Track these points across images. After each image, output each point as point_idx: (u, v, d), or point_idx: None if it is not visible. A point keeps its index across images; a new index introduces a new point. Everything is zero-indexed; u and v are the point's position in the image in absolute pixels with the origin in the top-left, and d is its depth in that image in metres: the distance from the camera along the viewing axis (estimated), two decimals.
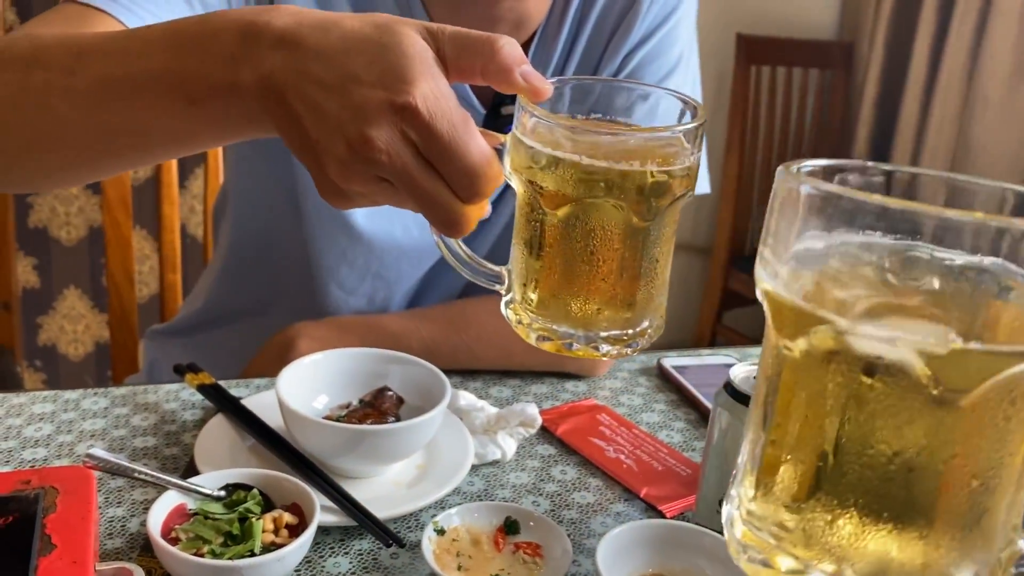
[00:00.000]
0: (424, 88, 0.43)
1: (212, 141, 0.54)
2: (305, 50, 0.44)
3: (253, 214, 0.92)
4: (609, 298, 0.47)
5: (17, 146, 0.57)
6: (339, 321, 0.83)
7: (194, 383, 0.72)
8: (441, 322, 0.82)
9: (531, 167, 0.45)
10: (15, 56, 0.55)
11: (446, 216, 0.46)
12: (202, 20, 0.49)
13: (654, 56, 0.84)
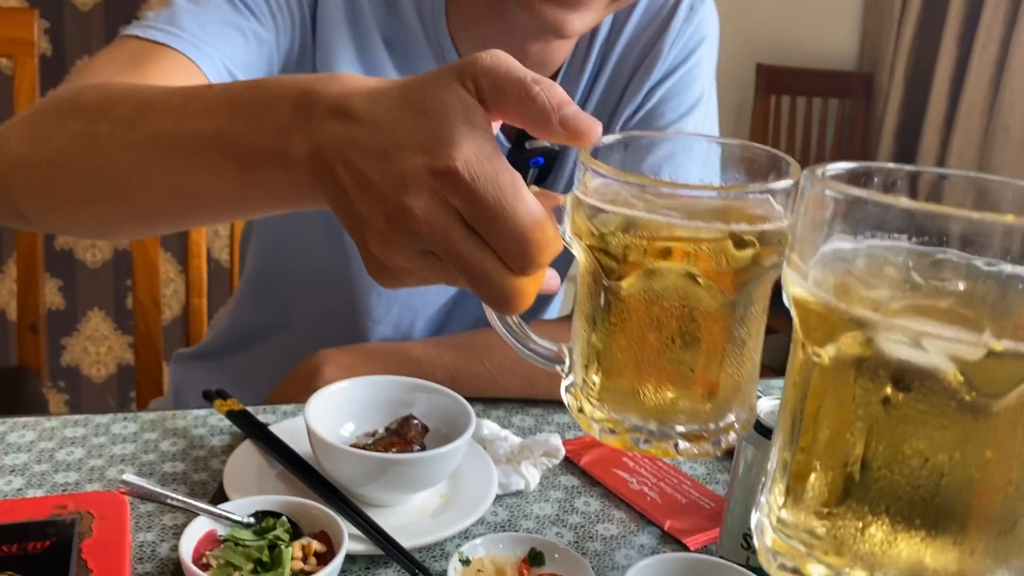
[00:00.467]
0: (466, 150, 0.40)
1: (263, 209, 0.52)
2: (355, 121, 0.43)
3: (280, 241, 0.93)
4: (687, 385, 0.41)
5: (78, 196, 0.58)
6: (364, 348, 0.84)
7: (223, 409, 0.73)
8: (465, 350, 0.82)
9: (595, 231, 0.40)
10: (84, 106, 0.57)
11: (498, 291, 0.41)
12: (259, 86, 0.49)
13: (675, 93, 0.85)
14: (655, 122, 0.85)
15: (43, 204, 0.61)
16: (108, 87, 0.58)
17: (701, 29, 0.87)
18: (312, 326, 0.91)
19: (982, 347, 0.33)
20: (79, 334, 2.06)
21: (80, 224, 0.62)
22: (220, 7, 0.74)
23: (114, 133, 0.53)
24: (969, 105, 2.37)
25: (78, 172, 0.56)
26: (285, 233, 0.92)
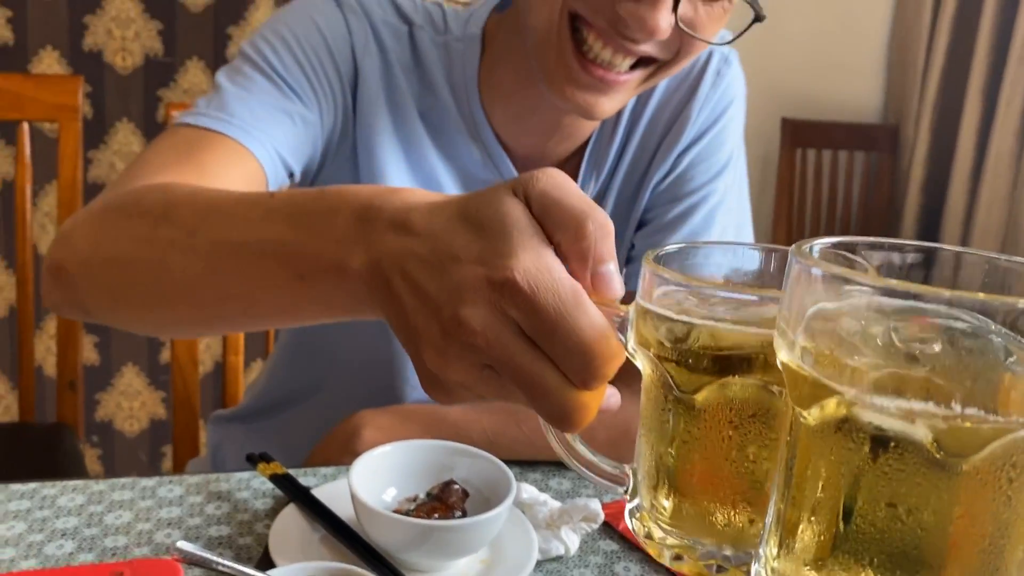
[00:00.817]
0: (525, 261, 0.39)
1: (318, 316, 0.52)
2: (414, 234, 0.42)
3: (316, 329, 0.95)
4: (766, 506, 0.38)
5: (138, 297, 0.59)
6: (402, 410, 0.85)
7: (266, 472, 0.74)
8: (502, 413, 0.83)
9: (662, 341, 0.39)
10: (148, 209, 0.58)
11: (558, 406, 0.39)
12: (321, 196, 0.49)
13: (704, 156, 0.87)
14: (685, 186, 0.87)
15: (105, 302, 0.63)
16: (171, 189, 0.60)
17: (728, 92, 0.89)
18: (348, 389, 0.92)
19: (952, 416, 0.35)
20: (113, 389, 2.09)
21: (140, 322, 0.64)
22: (267, 91, 0.77)
23: (176, 238, 0.55)
24: (996, 157, 2.38)
25: (140, 275, 0.57)
26: None
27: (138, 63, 1.93)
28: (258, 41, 0.80)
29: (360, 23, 0.83)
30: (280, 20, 0.82)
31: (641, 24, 0.71)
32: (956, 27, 2.46)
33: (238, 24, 1.96)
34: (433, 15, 0.87)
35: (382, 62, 0.83)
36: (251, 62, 0.79)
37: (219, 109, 0.74)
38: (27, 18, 1.85)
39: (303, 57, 0.80)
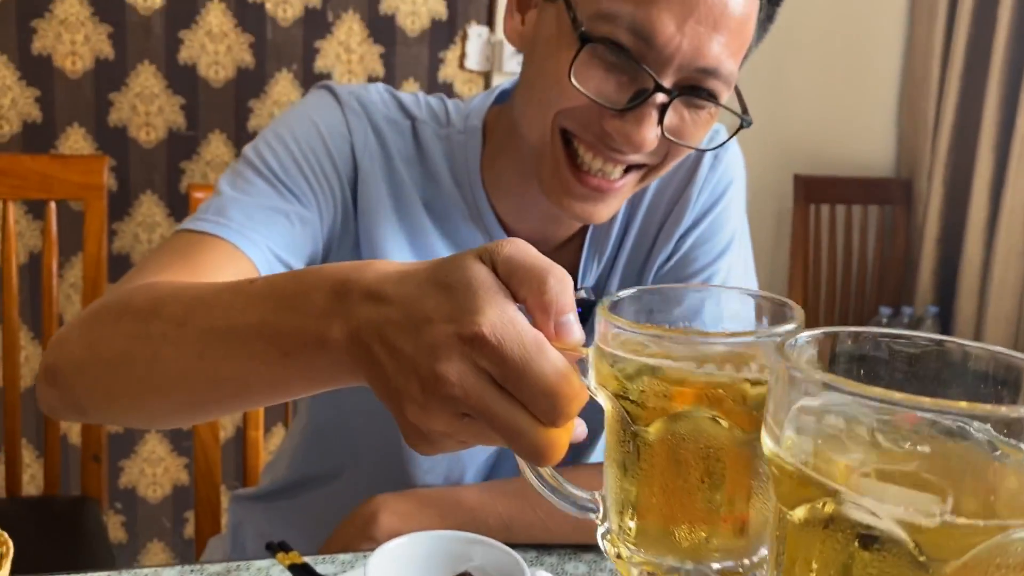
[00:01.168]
0: (491, 316, 0.43)
1: (305, 389, 0.55)
2: (388, 302, 0.46)
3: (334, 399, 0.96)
4: (719, 524, 0.43)
5: (133, 391, 0.63)
6: (419, 494, 0.86)
7: (285, 562, 0.75)
8: (517, 497, 0.84)
9: (618, 380, 0.43)
10: (137, 308, 0.62)
11: (532, 444, 0.44)
12: (297, 277, 0.53)
13: (706, 238, 0.88)
14: (687, 267, 0.88)
15: (102, 400, 0.66)
16: (158, 287, 0.64)
17: (728, 174, 0.90)
18: (365, 475, 0.94)
19: (933, 518, 0.36)
20: (136, 456, 2.11)
21: (136, 415, 0.68)
22: (265, 193, 0.80)
23: (167, 331, 0.58)
24: (1010, 210, 2.38)
25: (134, 370, 0.61)
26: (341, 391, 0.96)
27: (161, 137, 1.98)
28: (259, 144, 0.83)
29: (360, 122, 0.85)
30: (282, 122, 0.85)
31: (628, 139, 0.73)
32: (965, 82, 2.48)
33: (259, 97, 2.02)
34: (436, 109, 0.90)
35: (383, 157, 0.86)
36: (251, 165, 0.82)
37: (216, 213, 0.77)
38: (54, 97, 1.91)
39: (302, 159, 0.82)
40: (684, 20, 0.70)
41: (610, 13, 0.71)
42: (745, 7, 0.73)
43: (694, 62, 0.72)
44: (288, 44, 2.01)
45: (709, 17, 0.70)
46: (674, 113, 0.75)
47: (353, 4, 2.02)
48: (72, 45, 1.90)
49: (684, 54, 0.71)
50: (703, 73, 0.73)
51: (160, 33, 1.94)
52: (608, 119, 0.73)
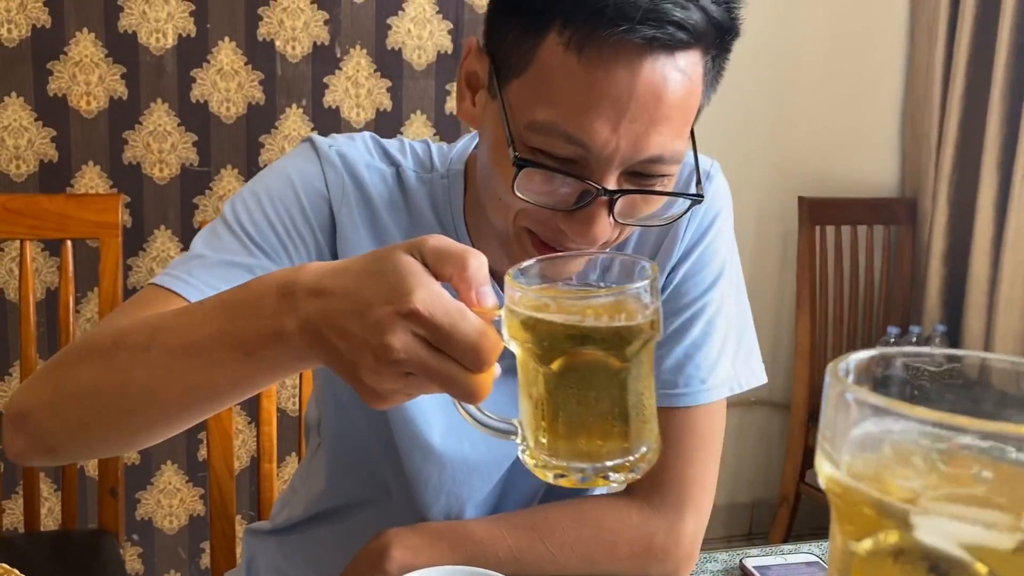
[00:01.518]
0: (421, 294, 0.54)
1: (269, 380, 0.64)
2: (329, 294, 0.56)
3: (344, 432, 0.99)
4: (608, 433, 0.55)
5: (108, 417, 0.68)
6: (429, 528, 0.88)
7: None
8: (525, 530, 0.86)
9: (524, 331, 0.54)
10: (99, 344, 0.68)
11: (464, 388, 0.55)
12: (245, 288, 0.62)
13: (696, 271, 0.90)
14: (680, 300, 0.89)
15: (75, 432, 0.71)
16: (113, 324, 0.71)
17: (714, 206, 0.91)
18: (378, 511, 0.96)
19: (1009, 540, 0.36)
20: (153, 488, 2.13)
21: (108, 441, 0.71)
22: (232, 249, 0.82)
23: (132, 357, 0.65)
24: (1016, 227, 2.39)
25: (106, 397, 0.67)
26: (349, 446, 0.98)
27: (175, 173, 2.02)
28: (236, 200, 0.86)
29: (337, 174, 0.87)
30: (261, 179, 0.88)
31: (581, 236, 0.74)
32: (967, 100, 2.50)
33: (270, 132, 2.05)
34: (420, 154, 0.92)
35: (365, 205, 0.87)
36: (225, 222, 0.85)
37: (181, 270, 0.81)
38: (70, 136, 1.95)
39: (273, 214, 0.84)
40: (618, 122, 0.69)
41: (543, 124, 0.71)
42: (683, 87, 0.71)
43: (635, 157, 0.72)
44: (297, 80, 2.05)
45: (644, 114, 0.70)
46: (625, 202, 0.75)
47: (361, 39, 2.06)
48: (87, 85, 1.94)
49: (623, 153, 0.71)
50: (649, 162, 0.73)
51: (172, 72, 1.98)
52: (560, 219, 0.74)
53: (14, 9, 1.87)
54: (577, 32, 0.68)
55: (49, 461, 0.76)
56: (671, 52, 0.70)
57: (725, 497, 2.85)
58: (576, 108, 0.70)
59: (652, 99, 0.70)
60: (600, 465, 0.55)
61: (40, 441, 0.72)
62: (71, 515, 1.53)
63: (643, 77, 0.69)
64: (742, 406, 2.78)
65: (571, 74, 0.69)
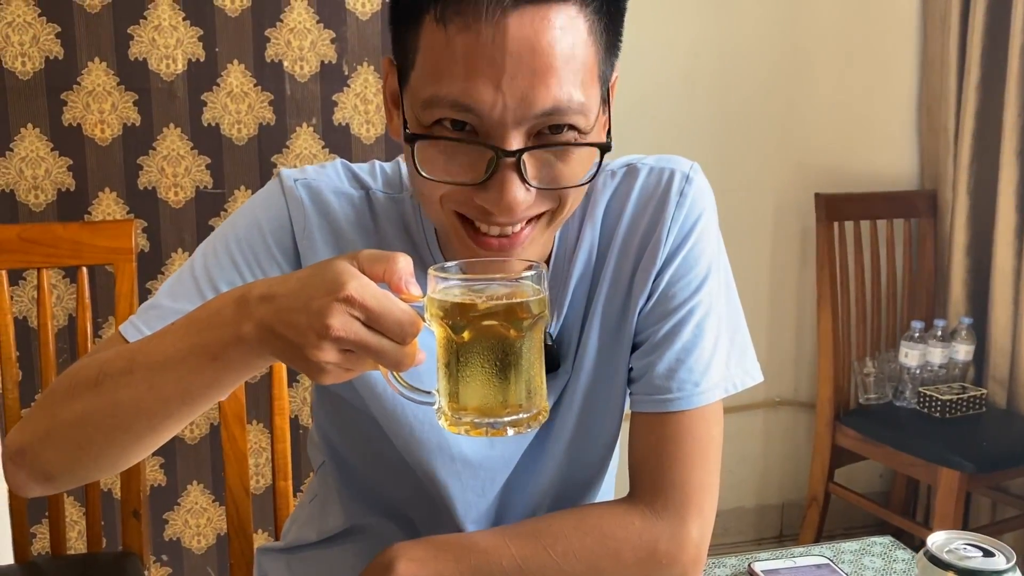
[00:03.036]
0: (353, 284, 0.63)
1: (235, 381, 0.72)
2: (278, 297, 0.66)
3: (348, 456, 1.00)
4: (506, 394, 0.67)
5: (100, 438, 0.75)
6: (434, 541, 0.88)
7: None
8: (529, 539, 0.86)
9: (441, 312, 0.65)
10: (85, 376, 0.76)
11: (392, 358, 0.64)
12: (205, 306, 0.72)
13: (682, 274, 0.89)
14: (668, 303, 0.89)
15: (72, 457, 0.77)
16: (95, 357, 0.79)
17: (695, 208, 0.90)
18: (384, 529, 0.97)
19: None
20: (180, 508, 2.15)
21: (103, 461, 0.78)
22: (189, 297, 0.86)
23: (117, 381, 0.74)
24: None
25: (98, 419, 0.75)
26: (354, 468, 0.99)
27: (190, 196, 2.05)
28: (207, 245, 0.90)
29: (299, 209, 0.89)
30: (231, 222, 0.91)
31: (498, 207, 0.74)
32: (983, 89, 2.47)
33: (281, 152, 2.08)
34: (390, 175, 0.93)
35: (332, 232, 0.89)
36: (192, 268, 0.89)
37: (141, 319, 0.87)
38: (86, 165, 1.98)
39: (240, 257, 0.88)
40: (498, 79, 0.71)
41: (433, 98, 0.73)
42: (562, 37, 0.72)
43: (528, 112, 0.72)
44: (307, 99, 2.07)
45: (522, 67, 0.71)
46: (535, 163, 0.75)
47: (367, 56, 2.08)
48: (100, 114, 1.97)
49: (513, 111, 0.72)
50: (546, 116, 0.73)
51: (183, 97, 2.01)
52: (476, 194, 0.75)
53: (28, 43, 1.91)
54: (443, 6, 0.72)
55: (49, 489, 0.82)
56: (538, 4, 0.71)
57: (754, 500, 2.82)
58: (456, 75, 0.72)
59: (527, 52, 0.71)
60: (499, 420, 0.67)
61: (39, 471, 0.79)
62: (96, 538, 1.55)
63: (512, 32, 0.71)
64: (767, 407, 2.76)
65: (446, 46, 0.72)
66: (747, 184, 2.61)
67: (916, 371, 2.45)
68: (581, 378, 0.92)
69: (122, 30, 1.95)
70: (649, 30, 2.44)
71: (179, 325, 0.73)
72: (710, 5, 2.53)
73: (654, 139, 2.48)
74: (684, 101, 2.54)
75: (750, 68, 2.57)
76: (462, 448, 0.93)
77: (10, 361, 1.52)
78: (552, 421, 0.93)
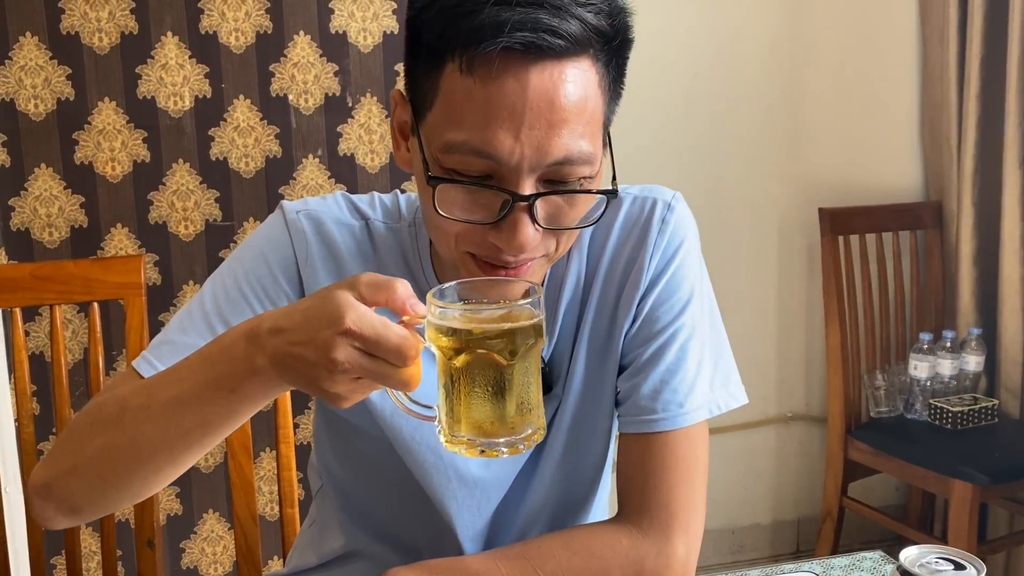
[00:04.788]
0: (351, 315, 0.66)
1: (250, 410, 0.75)
2: (286, 331, 0.70)
3: (344, 480, 1.02)
4: (501, 417, 0.68)
5: (122, 470, 0.78)
6: (428, 565, 0.90)
7: None
8: (520, 560, 0.88)
9: (439, 336, 0.68)
10: (106, 413, 0.80)
11: (396, 381, 0.68)
12: (217, 341, 0.75)
13: (665, 298, 0.92)
14: (652, 327, 0.91)
15: (97, 488, 0.81)
16: (115, 394, 0.83)
17: (677, 235, 0.93)
18: (373, 556, 0.99)
19: None
20: (196, 536, 2.18)
21: (126, 491, 0.81)
22: (200, 332, 0.89)
23: (137, 415, 0.78)
24: None
25: (120, 451, 0.79)
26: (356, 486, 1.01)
27: (200, 230, 2.09)
28: (216, 279, 0.94)
29: (302, 238, 0.94)
30: (236, 256, 0.95)
31: (509, 246, 0.78)
32: (984, 99, 2.48)
33: (288, 184, 2.12)
34: (388, 205, 0.97)
35: (333, 261, 0.93)
36: (201, 302, 0.92)
37: (153, 355, 0.90)
38: (98, 201, 2.03)
39: (249, 290, 0.92)
40: (518, 129, 0.75)
41: (454, 143, 0.77)
42: (576, 91, 0.76)
43: (543, 160, 0.76)
44: (312, 131, 2.11)
45: (540, 119, 0.75)
46: (546, 207, 0.79)
47: (370, 87, 2.12)
48: (111, 152, 2.02)
49: (530, 159, 0.76)
50: (558, 165, 0.77)
51: (192, 132, 2.06)
52: (489, 234, 0.79)
53: (40, 85, 1.97)
54: (467, 55, 0.74)
55: (75, 520, 0.86)
56: (557, 60, 0.75)
57: (769, 516, 2.82)
58: (479, 123, 0.75)
59: (545, 105, 0.75)
60: (494, 440, 0.69)
61: (65, 504, 0.84)
62: (112, 568, 1.58)
63: (532, 85, 0.75)
64: (779, 423, 2.76)
65: (469, 94, 0.75)
66: (750, 201, 2.62)
67: (926, 383, 2.44)
68: (570, 400, 0.94)
69: (130, 69, 2.00)
70: (646, 51, 2.46)
71: (193, 361, 0.76)
72: (707, 23, 2.56)
73: (655, 160, 2.51)
74: (684, 121, 2.57)
75: (749, 85, 2.59)
76: (458, 468, 0.95)
77: (25, 396, 1.56)
78: (544, 442, 0.95)
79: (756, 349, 2.67)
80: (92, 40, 1.98)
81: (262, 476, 2.20)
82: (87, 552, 2.10)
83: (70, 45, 1.97)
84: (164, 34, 2.00)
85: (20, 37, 1.95)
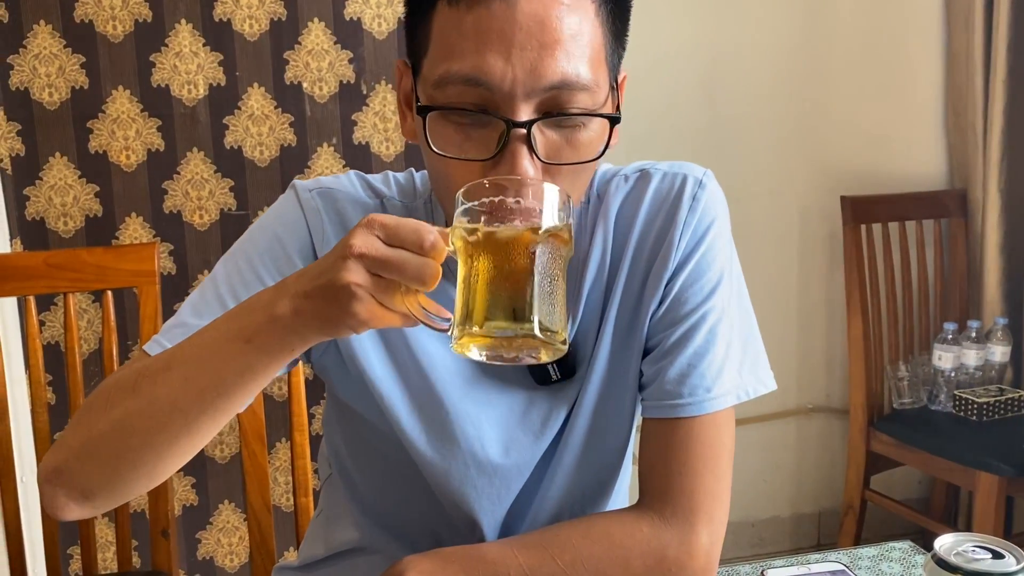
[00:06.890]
0: (372, 214, 0.66)
1: (268, 366, 0.72)
2: (310, 267, 0.70)
3: (354, 470, 1.00)
4: (522, 305, 0.66)
5: (136, 442, 0.75)
6: (442, 553, 0.88)
7: None
8: (537, 548, 0.85)
9: (464, 236, 0.67)
10: (122, 384, 0.76)
11: (415, 269, 0.65)
12: (246, 300, 0.74)
13: (694, 279, 0.88)
14: (680, 309, 0.88)
15: (106, 470, 0.77)
16: (131, 365, 0.81)
17: (708, 214, 0.89)
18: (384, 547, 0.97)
19: None
20: (212, 527, 2.18)
21: (140, 467, 0.77)
22: (214, 312, 0.85)
23: (155, 379, 0.75)
24: None
25: (136, 420, 0.75)
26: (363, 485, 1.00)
27: (214, 218, 2.08)
28: (228, 261, 0.90)
29: (317, 217, 0.91)
30: (249, 236, 0.92)
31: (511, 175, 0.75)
32: (1011, 85, 2.43)
33: (303, 173, 2.10)
34: (403, 184, 0.95)
35: None
36: (214, 284, 0.89)
37: (167, 338, 0.86)
38: (112, 190, 2.02)
39: (264, 271, 0.88)
40: (508, 51, 0.73)
41: (445, 76, 0.75)
42: (568, 14, 0.75)
43: (537, 84, 0.74)
44: (327, 120, 2.10)
45: (531, 39, 0.73)
46: (544, 138, 0.77)
47: (385, 75, 2.10)
48: (125, 140, 2.01)
49: (523, 82, 0.74)
50: (555, 90, 0.75)
51: (206, 121, 2.04)
52: (488, 170, 0.76)
53: (54, 74, 1.96)
54: None
55: (87, 509, 0.80)
56: None
57: (789, 509, 2.78)
58: (468, 50, 0.74)
59: (536, 25, 0.74)
60: (514, 330, 0.65)
61: (77, 489, 0.79)
62: (127, 558, 1.57)
63: (521, 7, 0.74)
64: (800, 415, 2.72)
65: (458, 24, 0.75)
66: (772, 189, 2.59)
67: (951, 374, 2.40)
68: (593, 383, 0.91)
69: (144, 58, 1.99)
70: (665, 38, 2.44)
71: (217, 320, 0.75)
72: (727, 11, 2.52)
73: (675, 148, 2.47)
74: (704, 108, 2.53)
75: (770, 72, 2.55)
76: (476, 455, 0.92)
77: (39, 384, 1.55)
78: (565, 426, 0.93)
79: (776, 339, 2.63)
80: (106, 28, 1.96)
81: (278, 467, 2.19)
82: (103, 542, 2.10)
83: (84, 34, 1.96)
84: (178, 22, 1.99)
85: (34, 26, 1.94)
